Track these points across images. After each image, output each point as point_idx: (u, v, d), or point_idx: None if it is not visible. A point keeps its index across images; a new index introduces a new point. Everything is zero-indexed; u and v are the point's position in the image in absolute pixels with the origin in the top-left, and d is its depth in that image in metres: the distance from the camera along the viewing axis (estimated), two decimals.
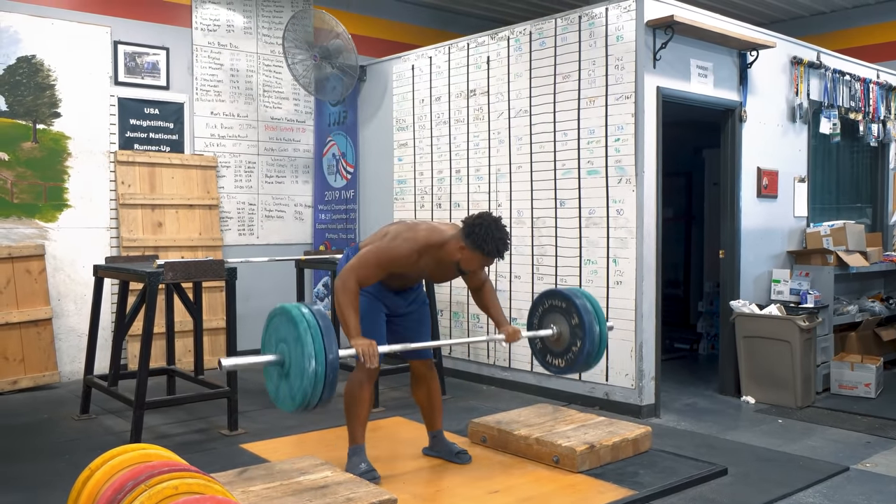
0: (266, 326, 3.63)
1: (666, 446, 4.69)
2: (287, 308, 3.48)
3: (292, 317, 3.41)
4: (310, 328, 3.35)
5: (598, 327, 4.30)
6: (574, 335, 4.33)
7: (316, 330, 3.36)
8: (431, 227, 4.01)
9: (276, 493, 3.44)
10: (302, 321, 3.37)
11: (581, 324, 4.28)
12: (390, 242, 3.91)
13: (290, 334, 3.42)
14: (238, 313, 5.31)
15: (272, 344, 3.56)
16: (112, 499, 2.55)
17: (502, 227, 3.85)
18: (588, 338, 4.27)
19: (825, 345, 6.29)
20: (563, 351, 4.42)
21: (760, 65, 6.14)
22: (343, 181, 7.96)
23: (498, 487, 3.98)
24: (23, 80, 6.47)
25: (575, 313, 4.31)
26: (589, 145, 5.67)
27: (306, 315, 3.40)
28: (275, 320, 3.56)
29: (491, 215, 3.87)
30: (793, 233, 6.73)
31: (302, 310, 3.44)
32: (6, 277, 6.24)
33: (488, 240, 3.78)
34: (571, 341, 4.36)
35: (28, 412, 5.64)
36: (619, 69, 5.48)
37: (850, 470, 4.38)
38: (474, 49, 6.56)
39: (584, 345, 4.28)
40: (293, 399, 3.42)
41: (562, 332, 4.40)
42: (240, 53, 7.71)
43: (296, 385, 3.38)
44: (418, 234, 3.94)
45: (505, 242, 3.84)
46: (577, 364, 4.37)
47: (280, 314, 3.52)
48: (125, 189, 6.94)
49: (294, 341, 3.38)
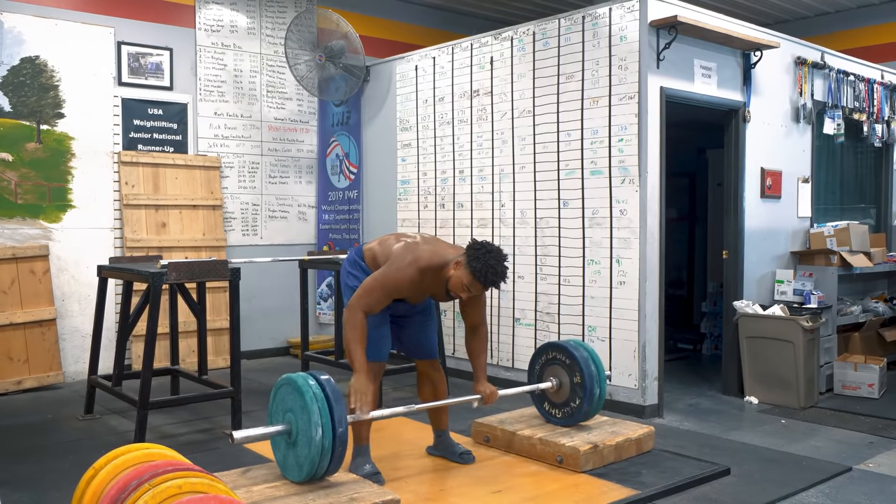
0: (272, 397, 3.68)
1: (669, 446, 4.69)
2: (293, 378, 3.54)
3: (298, 386, 3.47)
4: (316, 399, 3.42)
5: (599, 390, 4.46)
6: (574, 392, 4.48)
7: (323, 401, 3.43)
8: (433, 250, 4.00)
9: (280, 493, 3.45)
10: (308, 391, 3.43)
11: (582, 384, 4.43)
12: (393, 270, 3.88)
13: (296, 404, 3.48)
14: (242, 314, 5.31)
15: (279, 414, 3.61)
16: (116, 498, 2.56)
17: (502, 260, 3.84)
18: (587, 399, 4.42)
19: (828, 345, 6.29)
20: (561, 404, 4.56)
21: (764, 65, 6.14)
22: (346, 181, 7.97)
23: (501, 487, 3.99)
24: (27, 80, 6.48)
25: (578, 373, 4.45)
26: (592, 145, 5.67)
27: (312, 385, 3.47)
28: (281, 390, 3.61)
29: (499, 249, 3.87)
30: (796, 233, 6.72)
31: (308, 381, 3.49)
32: (10, 278, 6.26)
33: (481, 259, 3.78)
34: (570, 397, 4.50)
35: (32, 412, 5.66)
36: (622, 69, 5.48)
37: (852, 470, 4.38)
38: (478, 49, 6.57)
39: (583, 405, 4.44)
40: (300, 468, 3.47)
41: (562, 385, 4.53)
42: (243, 54, 7.73)
43: (303, 454, 3.43)
44: (420, 256, 3.93)
45: (496, 273, 3.79)
46: (574, 419, 4.51)
47: (286, 384, 3.58)
48: (129, 190, 6.95)
49: (300, 410, 3.44)
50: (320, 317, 8.18)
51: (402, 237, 4.16)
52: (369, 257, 4.17)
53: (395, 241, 4.12)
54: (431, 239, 4.21)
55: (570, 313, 5.85)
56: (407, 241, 4.07)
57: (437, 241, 4.22)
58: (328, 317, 8.01)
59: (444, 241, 4.33)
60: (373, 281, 3.89)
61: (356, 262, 4.21)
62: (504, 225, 6.36)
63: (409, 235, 4.19)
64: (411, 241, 4.07)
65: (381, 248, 4.14)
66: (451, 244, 4.29)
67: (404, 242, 4.05)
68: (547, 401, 4.63)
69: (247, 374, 6.53)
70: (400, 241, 4.08)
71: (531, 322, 6.12)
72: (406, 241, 4.06)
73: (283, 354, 7.96)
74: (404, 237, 4.15)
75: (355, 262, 4.21)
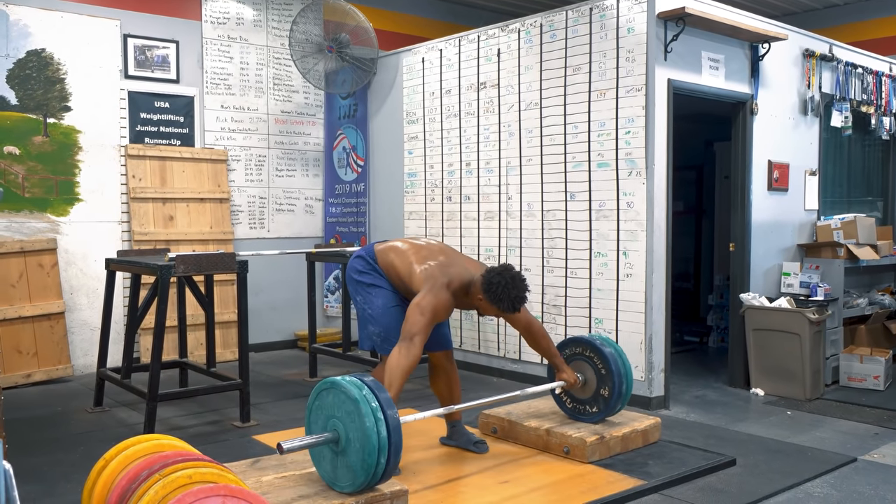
0: (310, 405, 3.49)
1: (675, 437, 4.70)
2: (337, 382, 3.35)
3: (345, 389, 3.29)
4: (373, 414, 3.22)
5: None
6: (600, 389, 4.44)
7: (371, 395, 3.27)
8: (460, 271, 4.02)
9: (289, 483, 3.47)
10: (365, 405, 3.23)
11: (611, 380, 4.38)
12: (438, 298, 3.88)
13: (342, 409, 3.29)
14: (250, 307, 5.33)
15: (320, 421, 3.43)
16: (127, 488, 2.58)
17: (521, 285, 3.89)
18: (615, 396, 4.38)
19: (834, 337, 6.29)
20: (588, 400, 4.51)
21: (772, 57, 6.13)
22: (353, 174, 7.98)
23: (508, 478, 4.00)
24: (33, 73, 6.50)
25: (605, 369, 4.41)
26: (599, 138, 5.67)
27: (357, 384, 3.32)
28: (323, 395, 3.42)
29: (512, 270, 3.90)
30: (803, 226, 6.71)
31: (351, 379, 3.35)
32: (19, 271, 6.29)
33: (504, 298, 3.85)
34: (596, 394, 4.46)
35: (42, 405, 5.69)
36: (629, 61, 5.47)
37: (857, 461, 4.39)
38: (485, 41, 6.56)
39: (611, 401, 4.40)
40: (355, 474, 3.25)
41: (587, 381, 4.50)
42: (249, 46, 7.73)
43: (355, 459, 3.23)
44: (452, 280, 3.97)
45: (522, 300, 3.90)
46: (601, 416, 4.46)
47: (329, 388, 3.38)
48: (136, 183, 6.97)
49: (348, 416, 3.26)
50: (328, 309, 8.20)
51: (421, 253, 4.10)
52: (384, 263, 4.15)
53: (415, 258, 4.07)
54: (447, 250, 4.21)
55: (576, 305, 5.86)
56: (430, 263, 4.02)
57: (454, 252, 4.24)
58: (335, 309, 8.03)
59: (456, 251, 4.34)
60: (427, 308, 3.85)
61: (369, 262, 4.20)
62: (511, 217, 6.36)
63: (427, 248, 4.15)
64: (435, 263, 4.03)
65: (399, 260, 4.11)
66: (467, 257, 4.35)
67: (428, 266, 4.01)
68: (569, 396, 4.60)
69: (254, 367, 6.56)
70: (423, 264, 4.02)
71: (538, 314, 6.12)
72: (430, 265, 4.01)
73: (291, 347, 7.99)
74: (425, 255, 4.09)
75: (368, 263, 4.20)
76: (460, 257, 4.22)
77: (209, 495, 2.42)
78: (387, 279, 4.15)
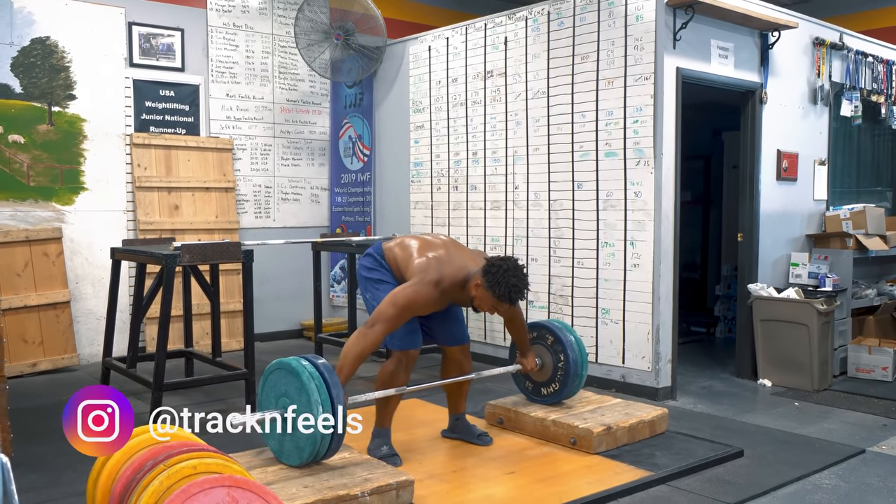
0: (263, 383, 3.66)
1: (682, 428, 4.67)
2: (285, 361, 3.52)
3: (292, 368, 3.47)
4: (312, 378, 3.41)
5: (572, 336, 4.57)
6: (555, 354, 4.54)
7: (320, 380, 3.42)
8: (457, 266, 3.95)
9: (294, 473, 3.45)
10: (303, 371, 3.43)
11: (558, 339, 4.53)
12: (420, 289, 3.82)
13: (291, 386, 3.47)
14: (255, 296, 5.31)
15: (271, 400, 3.60)
16: (131, 478, 2.56)
17: (521, 275, 3.82)
18: (567, 348, 4.49)
19: (843, 328, 6.26)
20: (544, 383, 4.63)
21: (782, 46, 6.07)
22: (359, 164, 7.95)
23: (515, 468, 3.99)
24: (37, 61, 6.47)
25: (548, 334, 4.57)
26: (607, 127, 5.62)
27: (307, 366, 3.46)
28: (273, 375, 3.59)
29: (515, 261, 3.85)
30: (812, 216, 6.66)
31: (301, 361, 3.49)
32: (24, 261, 6.28)
33: (502, 283, 3.76)
34: (555, 360, 4.55)
35: (47, 394, 5.68)
36: (638, 49, 5.42)
37: (865, 452, 4.36)
38: (491, 30, 6.52)
39: (568, 355, 4.49)
40: (300, 451, 3.44)
41: (544, 365, 4.60)
42: (255, 35, 7.69)
43: (302, 437, 3.41)
44: (444, 276, 3.89)
45: (519, 290, 3.81)
46: (569, 378, 4.52)
47: (278, 369, 3.56)
48: (141, 172, 6.95)
49: (297, 392, 3.43)
50: (334, 299, 8.18)
51: (422, 247, 4.06)
52: (390, 258, 4.13)
53: (415, 250, 4.05)
54: (452, 245, 4.15)
55: (583, 296, 5.83)
56: (429, 255, 3.98)
57: (458, 248, 4.17)
58: (342, 299, 8.01)
59: (463, 247, 4.28)
60: (401, 300, 3.79)
61: (377, 259, 4.18)
62: (517, 207, 6.33)
63: (430, 243, 4.11)
64: (433, 255, 3.98)
65: (402, 254, 4.08)
66: (471, 251, 4.29)
67: (426, 258, 3.97)
68: (529, 380, 4.71)
69: (260, 357, 6.49)
70: (421, 256, 3.99)
71: (544, 305, 6.10)
72: (428, 257, 3.97)
73: (297, 337, 7.97)
74: (426, 248, 4.05)
75: (376, 260, 4.18)
76: (463, 253, 4.13)
77: (214, 486, 2.41)
78: (392, 275, 4.12)
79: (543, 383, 4.62)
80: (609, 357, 5.65)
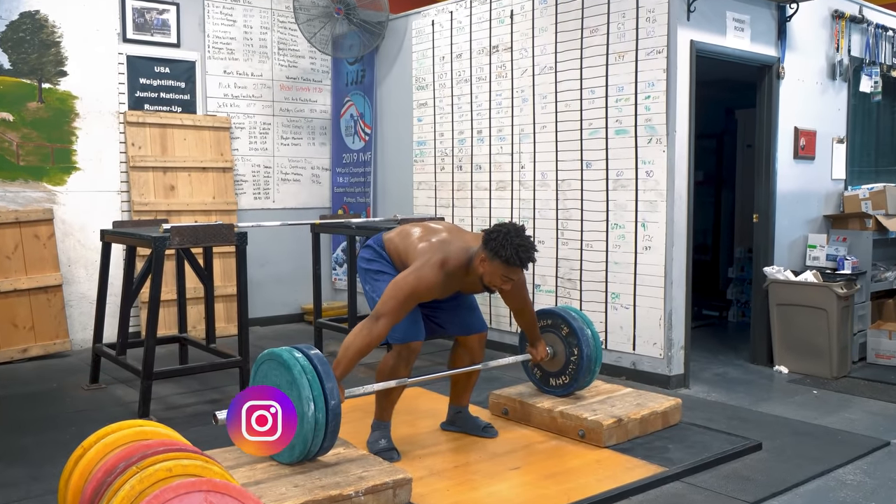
0: (254, 375, 3.47)
1: (696, 419, 4.47)
2: (277, 353, 3.31)
3: (284, 361, 3.25)
4: (305, 372, 3.20)
5: (589, 329, 4.33)
6: (569, 346, 4.32)
7: (312, 374, 3.20)
8: (459, 247, 3.74)
9: (285, 471, 3.25)
10: (295, 365, 3.21)
11: (573, 332, 4.30)
12: (423, 274, 3.60)
13: (282, 380, 3.25)
14: (254, 279, 5.13)
15: None
16: (102, 481, 2.36)
17: (524, 235, 3.58)
18: (583, 343, 4.27)
19: (862, 313, 6.04)
20: (562, 369, 4.39)
21: (800, 18, 5.81)
22: (361, 143, 7.71)
23: (519, 464, 3.79)
24: (26, 36, 6.24)
25: (564, 324, 4.34)
26: (617, 103, 5.38)
27: (299, 359, 3.25)
28: (263, 367, 3.40)
29: (513, 223, 3.63)
30: (830, 196, 6.43)
31: (294, 354, 3.27)
32: (14, 243, 6.08)
33: (507, 245, 3.51)
34: (569, 352, 4.33)
35: (37, 381, 5.51)
36: (650, 21, 5.17)
37: (890, 444, 4.16)
38: (497, 3, 6.27)
39: (583, 351, 4.27)
40: (291, 448, 3.21)
41: (556, 354, 4.38)
42: (253, 9, 7.44)
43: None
44: (448, 257, 3.68)
45: (527, 249, 3.55)
46: (581, 373, 4.30)
47: (269, 360, 3.36)
48: (136, 151, 6.73)
49: (288, 386, 3.20)
50: (336, 282, 7.98)
51: (423, 233, 3.90)
52: (391, 248, 3.95)
53: (416, 238, 3.88)
54: (452, 229, 3.98)
55: (592, 279, 5.61)
56: (432, 239, 3.81)
57: (460, 231, 3.99)
58: (344, 282, 7.80)
59: (463, 229, 4.09)
60: (404, 287, 3.57)
61: (376, 250, 3.99)
62: (524, 187, 6.10)
63: (430, 228, 3.94)
64: (436, 239, 3.81)
65: (403, 242, 3.91)
66: (471, 232, 4.11)
67: (429, 242, 3.79)
68: (539, 369, 4.50)
69: (259, 342, 6.34)
70: (423, 241, 3.82)
71: (552, 289, 5.89)
72: (431, 241, 3.80)
73: (298, 321, 7.78)
74: (428, 233, 3.89)
75: (375, 251, 3.99)
76: (465, 235, 3.95)
77: (190, 490, 2.21)
78: (393, 265, 3.92)
79: (554, 373, 4.41)
80: (619, 343, 5.44)
